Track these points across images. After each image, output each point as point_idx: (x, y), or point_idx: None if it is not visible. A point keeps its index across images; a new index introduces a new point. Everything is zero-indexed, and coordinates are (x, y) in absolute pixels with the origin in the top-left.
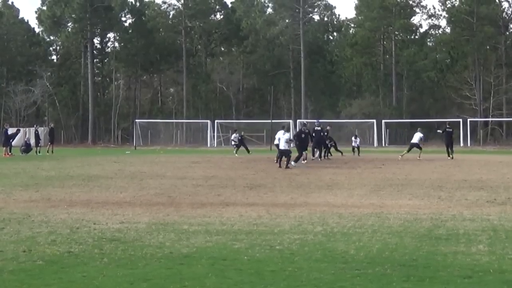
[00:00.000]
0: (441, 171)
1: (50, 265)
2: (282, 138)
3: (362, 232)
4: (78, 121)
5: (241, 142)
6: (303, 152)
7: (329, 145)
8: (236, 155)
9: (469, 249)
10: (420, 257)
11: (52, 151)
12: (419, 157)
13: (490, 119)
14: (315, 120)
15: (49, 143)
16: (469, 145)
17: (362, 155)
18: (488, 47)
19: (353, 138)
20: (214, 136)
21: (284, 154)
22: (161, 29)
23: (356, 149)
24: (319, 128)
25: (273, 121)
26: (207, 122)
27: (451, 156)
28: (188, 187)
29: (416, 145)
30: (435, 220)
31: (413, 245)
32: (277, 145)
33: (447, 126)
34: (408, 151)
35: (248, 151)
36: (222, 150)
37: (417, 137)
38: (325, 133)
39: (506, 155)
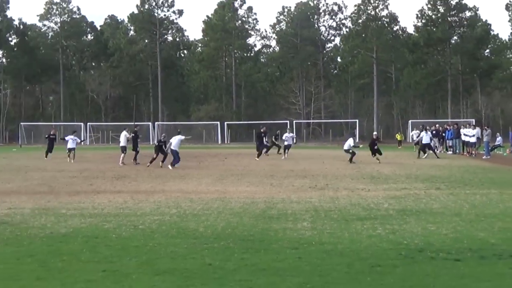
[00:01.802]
0: (272, 164)
1: None
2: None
3: (209, 213)
4: None
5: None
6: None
7: None
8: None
9: (295, 225)
10: (256, 233)
11: None
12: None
13: (311, 121)
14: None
15: None
16: (295, 142)
17: (208, 151)
18: (309, 63)
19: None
20: (87, 136)
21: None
22: (41, 47)
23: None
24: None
25: (136, 123)
26: (81, 124)
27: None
28: (65, 178)
29: (348, 151)
30: (268, 203)
31: (251, 223)
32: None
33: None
34: (350, 160)
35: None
36: (95, 147)
37: (348, 143)
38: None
39: (324, 149)
